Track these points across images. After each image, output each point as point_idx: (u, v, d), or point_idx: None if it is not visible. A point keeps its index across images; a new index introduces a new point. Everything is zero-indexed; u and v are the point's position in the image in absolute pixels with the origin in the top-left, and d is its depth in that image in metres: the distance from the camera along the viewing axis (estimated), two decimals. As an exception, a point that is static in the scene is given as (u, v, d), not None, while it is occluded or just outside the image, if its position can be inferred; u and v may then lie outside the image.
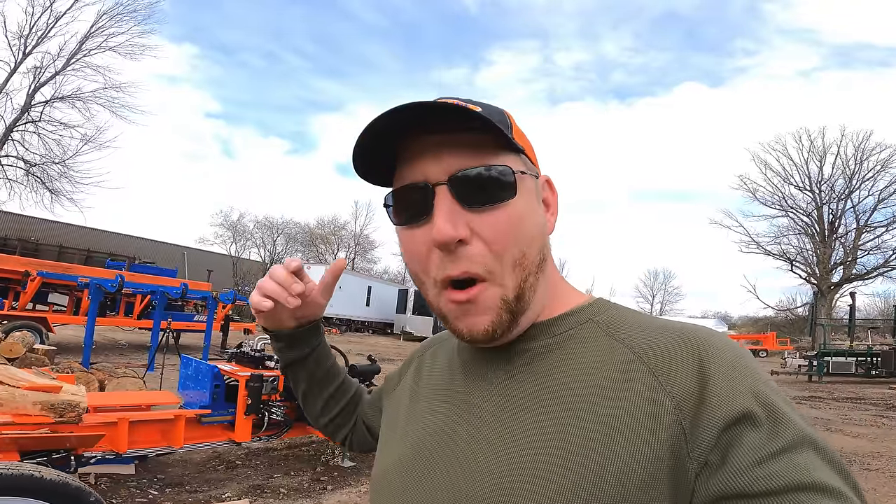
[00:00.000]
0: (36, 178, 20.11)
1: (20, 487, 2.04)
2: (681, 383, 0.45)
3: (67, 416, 2.59)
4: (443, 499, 0.51)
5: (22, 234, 20.73)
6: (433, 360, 0.68)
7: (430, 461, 0.55)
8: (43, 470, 2.11)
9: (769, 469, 0.40)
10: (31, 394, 2.50)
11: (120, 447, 2.91)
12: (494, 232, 0.50)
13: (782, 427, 0.42)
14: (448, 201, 0.49)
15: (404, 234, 0.54)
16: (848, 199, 27.55)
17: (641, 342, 0.50)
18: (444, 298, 0.52)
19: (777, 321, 36.67)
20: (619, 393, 0.47)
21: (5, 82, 19.34)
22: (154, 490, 3.47)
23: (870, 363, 16.32)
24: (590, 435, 0.46)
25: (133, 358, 9.43)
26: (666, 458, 0.43)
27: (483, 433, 0.52)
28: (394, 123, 0.49)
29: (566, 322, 0.55)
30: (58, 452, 2.60)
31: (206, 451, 4.23)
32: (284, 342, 0.75)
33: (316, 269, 24.18)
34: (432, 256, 0.51)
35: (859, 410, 10.22)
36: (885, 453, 6.38)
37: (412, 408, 0.63)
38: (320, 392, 0.80)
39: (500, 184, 0.50)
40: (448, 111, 0.48)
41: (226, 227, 33.54)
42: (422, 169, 0.51)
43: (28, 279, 8.97)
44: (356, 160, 0.53)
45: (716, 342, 0.48)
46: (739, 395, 0.43)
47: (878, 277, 26.71)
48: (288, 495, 3.69)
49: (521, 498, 0.45)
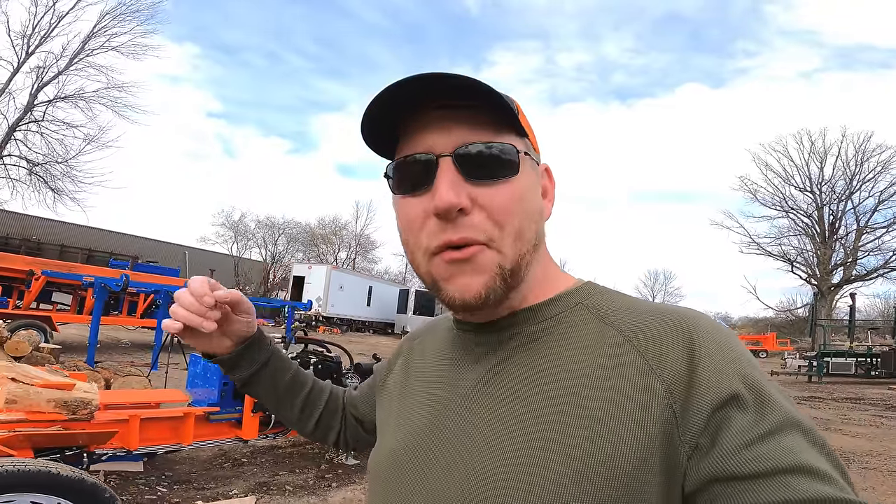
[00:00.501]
0: (39, 178, 20.15)
1: (37, 484, 2.09)
2: (671, 367, 0.46)
3: (80, 413, 2.63)
4: (436, 491, 0.51)
5: (23, 233, 20.79)
6: (422, 350, 0.67)
7: (422, 454, 0.55)
8: (59, 466, 2.15)
9: (757, 451, 0.40)
10: (45, 391, 2.55)
11: (131, 444, 2.96)
12: (496, 204, 0.50)
13: (769, 409, 0.43)
14: (451, 173, 0.50)
15: (402, 203, 0.54)
16: (848, 201, 27.59)
17: (631, 325, 0.50)
18: (437, 261, 0.52)
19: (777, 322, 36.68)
20: (609, 378, 0.47)
21: (8, 82, 19.37)
22: (162, 487, 3.52)
23: (870, 364, 16.33)
24: (581, 422, 0.46)
25: (136, 357, 9.47)
26: (658, 441, 0.43)
27: (474, 423, 0.52)
28: (402, 94, 0.50)
29: (556, 306, 0.55)
30: (70, 449, 2.65)
31: (212, 449, 4.28)
32: (226, 365, 0.73)
33: (317, 269, 24.28)
34: (428, 224, 0.51)
35: (859, 411, 10.25)
36: (883, 452, 6.42)
37: (403, 400, 0.63)
38: (291, 401, 0.79)
39: (504, 161, 0.51)
40: (460, 84, 0.48)
41: (227, 227, 33.63)
42: (427, 141, 0.51)
43: (33, 278, 9.03)
44: (364, 129, 0.53)
45: (704, 325, 0.49)
46: (727, 377, 0.44)
47: (879, 278, 26.74)
48: (293, 492, 3.73)
49: (512, 489, 0.45)
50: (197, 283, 0.65)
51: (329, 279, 23.30)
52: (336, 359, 4.41)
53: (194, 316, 0.63)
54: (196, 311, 0.63)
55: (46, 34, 19.74)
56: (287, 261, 34.03)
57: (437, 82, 0.48)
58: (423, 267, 0.54)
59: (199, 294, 0.63)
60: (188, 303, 0.63)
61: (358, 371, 4.52)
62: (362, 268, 38.41)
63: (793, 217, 28.85)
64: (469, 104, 0.50)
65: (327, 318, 22.66)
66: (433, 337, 0.67)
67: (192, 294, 0.64)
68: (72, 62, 20.31)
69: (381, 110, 0.51)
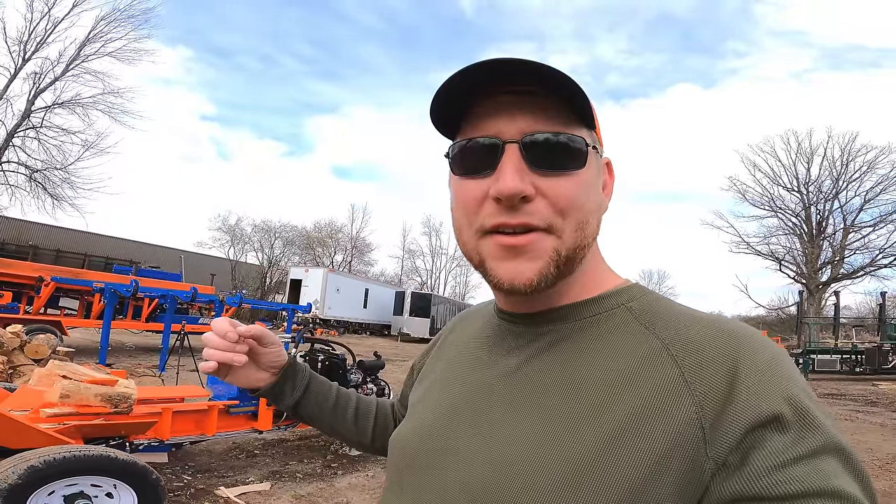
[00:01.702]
0: (38, 184, 20.36)
1: (97, 467, 2.45)
2: (707, 380, 0.44)
3: (122, 406, 3.00)
4: (450, 472, 0.52)
5: (19, 239, 20.86)
6: (457, 337, 0.69)
7: (442, 438, 0.55)
8: (115, 451, 2.53)
9: (789, 474, 0.39)
10: (93, 387, 2.92)
11: (164, 435, 3.33)
12: (560, 195, 0.50)
13: (812, 432, 0.41)
14: (517, 159, 0.49)
15: (460, 184, 0.53)
16: (835, 200, 28.19)
17: (672, 333, 0.49)
18: (489, 241, 0.51)
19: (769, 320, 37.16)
20: (638, 385, 0.46)
21: (5, 88, 19.60)
22: (187, 475, 3.89)
23: (854, 360, 16.70)
24: (599, 426, 0.45)
25: (142, 360, 9.80)
26: (677, 456, 0.42)
27: (493, 413, 0.52)
28: (474, 76, 0.49)
29: (598, 305, 0.54)
30: (114, 439, 3.02)
31: (227, 442, 4.65)
32: (270, 396, 0.76)
33: (314, 272, 24.57)
34: (484, 205, 0.51)
35: (839, 406, 10.60)
36: (854, 446, 6.84)
37: (432, 385, 0.65)
38: (343, 416, 0.81)
39: (572, 153, 0.50)
40: (534, 71, 0.48)
41: (224, 231, 33.86)
42: (494, 126, 0.51)
43: (42, 284, 9.36)
44: (433, 108, 0.53)
45: (753, 341, 0.47)
46: (770, 397, 0.42)
47: (866, 276, 27.35)
48: (304, 479, 4.11)
49: (513, 486, 0.46)
50: (220, 324, 0.69)
51: (326, 282, 23.62)
52: (341, 356, 4.80)
53: (224, 353, 0.67)
54: (225, 348, 0.67)
55: (42, 40, 20.02)
56: (284, 264, 34.30)
57: (509, 66, 0.48)
58: (471, 244, 0.53)
59: (223, 332, 0.67)
60: (216, 343, 0.67)
61: (361, 367, 4.93)
62: (358, 270, 38.73)
63: (781, 216, 29.50)
64: (540, 91, 0.50)
65: (324, 320, 22.96)
66: (472, 323, 0.68)
67: (217, 334, 0.68)
68: (68, 68, 20.57)
69: (452, 92, 0.51)
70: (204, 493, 3.57)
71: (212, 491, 3.60)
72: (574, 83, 0.48)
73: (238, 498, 3.51)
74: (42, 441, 2.54)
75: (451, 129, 0.56)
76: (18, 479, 2.20)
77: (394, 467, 0.61)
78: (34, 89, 20.10)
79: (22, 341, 6.15)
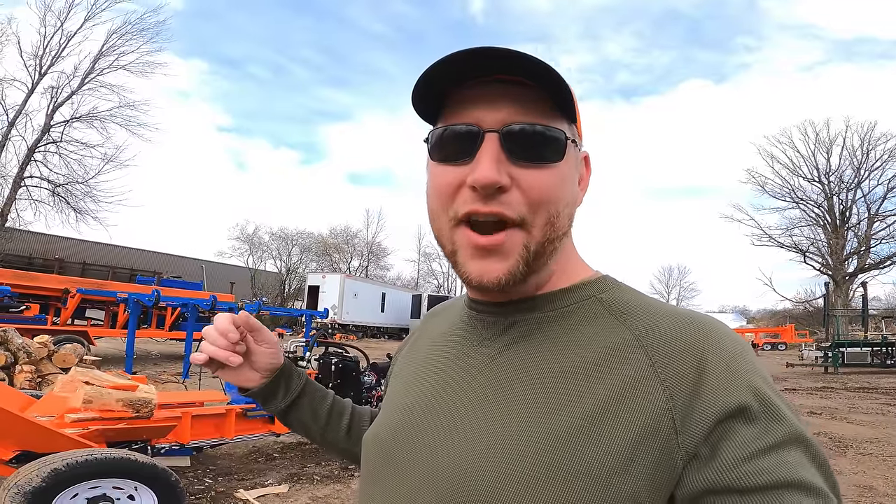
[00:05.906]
0: (61, 199, 20.88)
1: (119, 470, 2.53)
2: (678, 372, 0.45)
3: (142, 411, 3.09)
4: (420, 465, 0.52)
5: (46, 253, 21.40)
6: (431, 330, 0.68)
7: (415, 429, 0.55)
8: (136, 455, 2.60)
9: (757, 465, 0.40)
10: (115, 392, 3.00)
11: (184, 438, 3.41)
12: (535, 187, 0.50)
13: (776, 424, 0.42)
14: (495, 149, 0.49)
15: (437, 170, 0.53)
16: (857, 189, 27.57)
17: (643, 324, 0.49)
18: (462, 233, 0.51)
19: (796, 313, 36.32)
20: (609, 376, 0.47)
21: (24, 102, 20.18)
22: (208, 479, 3.97)
23: (885, 353, 16.29)
24: (570, 417, 0.46)
25: (166, 367, 10.02)
26: (648, 447, 0.43)
27: (466, 405, 0.52)
28: (456, 63, 0.49)
29: (570, 296, 0.54)
30: (136, 443, 3.10)
31: (246, 445, 4.73)
32: (260, 397, 0.74)
33: (331, 278, 24.81)
34: (460, 192, 0.51)
35: (869, 399, 10.35)
36: (882, 439, 6.62)
37: (406, 379, 0.64)
38: (338, 423, 0.79)
39: (551, 145, 0.50)
40: (516, 61, 0.48)
41: (242, 240, 34.42)
42: (474, 114, 0.50)
43: (68, 296, 9.65)
44: (415, 94, 0.53)
45: (719, 333, 0.48)
46: (737, 388, 0.43)
47: (894, 266, 26.56)
48: (321, 481, 4.16)
49: (483, 479, 0.46)
50: (222, 322, 0.68)
51: (343, 287, 23.83)
52: (354, 358, 4.85)
53: (220, 350, 0.67)
54: (222, 346, 0.67)
55: (57, 54, 20.61)
56: (301, 271, 34.72)
57: (494, 55, 0.48)
58: (445, 233, 0.53)
59: (224, 332, 0.67)
60: (214, 338, 0.67)
61: (374, 369, 4.97)
62: (375, 275, 39.02)
63: (803, 207, 28.87)
64: (522, 81, 0.50)
65: (343, 325, 23.14)
66: (446, 316, 0.68)
67: (217, 331, 0.67)
68: (84, 82, 21.12)
69: (433, 78, 0.51)
70: (224, 495, 3.64)
71: (231, 493, 3.67)
72: (558, 75, 0.48)
73: (257, 500, 3.57)
74: (67, 445, 2.63)
75: (433, 114, 0.55)
76: (43, 481, 2.28)
77: (366, 462, 0.61)
78: (52, 103, 20.68)
79: (50, 351, 6.35)
